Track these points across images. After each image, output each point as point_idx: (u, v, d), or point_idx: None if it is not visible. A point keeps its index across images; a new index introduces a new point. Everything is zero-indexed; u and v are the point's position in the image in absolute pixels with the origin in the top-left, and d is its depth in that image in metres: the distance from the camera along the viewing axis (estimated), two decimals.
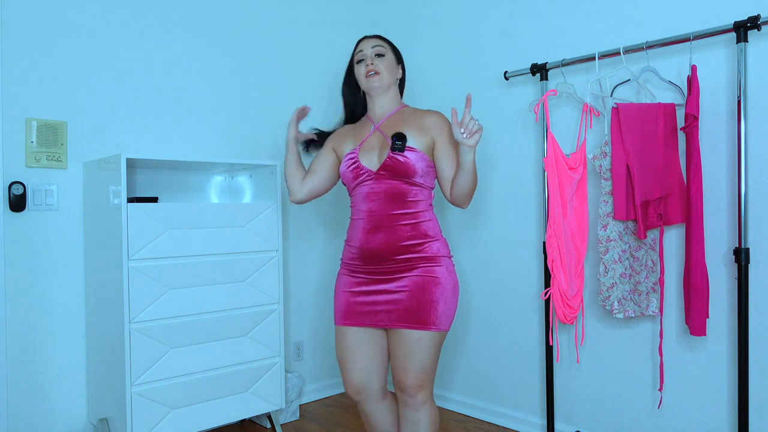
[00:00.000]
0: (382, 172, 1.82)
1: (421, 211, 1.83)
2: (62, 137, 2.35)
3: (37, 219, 2.30)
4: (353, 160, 1.88)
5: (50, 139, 2.32)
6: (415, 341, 1.77)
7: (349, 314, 1.87)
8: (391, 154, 1.79)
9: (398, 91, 2.01)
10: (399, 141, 1.79)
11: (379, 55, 1.93)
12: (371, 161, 1.86)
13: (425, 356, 1.79)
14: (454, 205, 1.87)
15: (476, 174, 1.77)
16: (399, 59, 2.00)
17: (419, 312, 1.77)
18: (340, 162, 1.99)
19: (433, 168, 1.86)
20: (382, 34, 2.10)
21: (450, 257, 1.86)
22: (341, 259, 1.97)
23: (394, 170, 1.80)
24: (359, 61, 1.94)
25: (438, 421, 1.87)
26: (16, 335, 2.26)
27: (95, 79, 2.45)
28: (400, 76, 2.01)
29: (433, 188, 1.89)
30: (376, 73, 1.90)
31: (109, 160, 2.19)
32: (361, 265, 1.85)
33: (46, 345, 2.33)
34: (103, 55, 2.47)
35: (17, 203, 2.24)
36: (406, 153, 1.79)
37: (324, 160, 2.02)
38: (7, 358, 2.23)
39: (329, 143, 2.04)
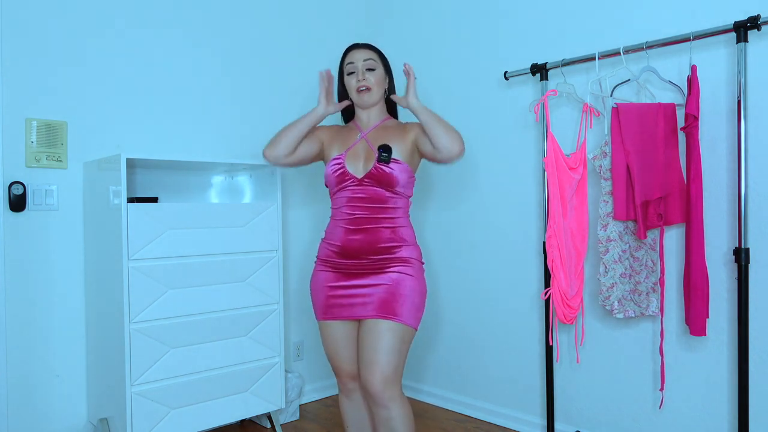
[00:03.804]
0: (366, 180, 1.91)
1: (399, 218, 1.94)
2: (62, 137, 2.35)
3: (37, 219, 2.30)
4: (339, 166, 1.95)
5: (50, 139, 2.32)
6: (384, 331, 1.84)
7: (329, 308, 1.95)
8: (377, 165, 1.89)
9: (384, 101, 2.05)
10: (385, 153, 1.89)
11: (370, 69, 1.97)
12: (356, 168, 1.93)
13: (392, 350, 1.84)
14: (447, 161, 1.87)
15: (438, 119, 1.85)
16: (388, 69, 2.03)
17: (392, 304, 1.86)
18: (322, 155, 2.06)
19: (413, 179, 1.97)
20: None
21: (422, 263, 1.97)
22: (317, 257, 2.04)
23: (378, 179, 1.89)
24: (350, 73, 1.99)
25: (411, 416, 1.87)
26: (16, 335, 2.26)
27: (95, 79, 2.45)
28: (387, 86, 2.03)
29: (410, 197, 1.99)
30: (368, 89, 1.95)
31: (109, 160, 2.18)
32: (340, 261, 1.94)
33: (46, 345, 2.33)
34: (103, 55, 2.47)
35: (17, 203, 2.24)
36: (390, 165, 1.89)
37: (310, 145, 2.03)
38: (7, 358, 2.23)
39: (320, 134, 2.06)
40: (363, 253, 1.89)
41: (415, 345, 3.17)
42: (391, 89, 2.06)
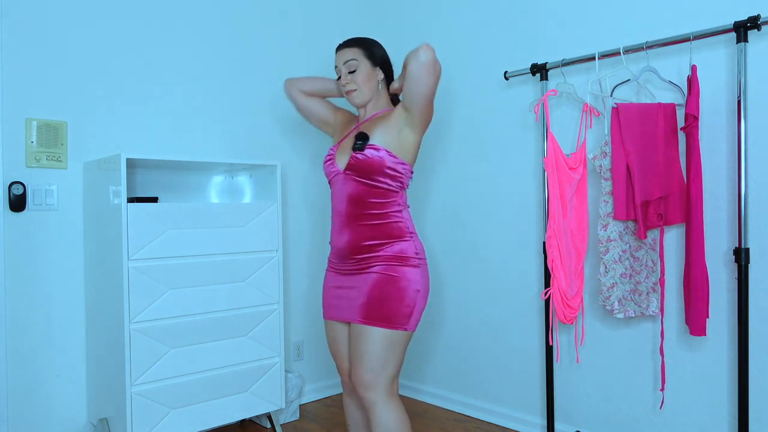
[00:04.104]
0: (348, 172, 1.85)
1: (387, 212, 1.83)
2: (62, 137, 2.35)
3: (37, 219, 2.30)
4: (330, 158, 1.95)
5: (50, 139, 2.32)
6: (364, 335, 1.79)
7: (327, 308, 1.98)
8: (353, 154, 1.83)
9: (384, 92, 1.96)
10: (360, 141, 1.82)
11: (352, 71, 1.90)
12: (342, 161, 1.89)
13: (374, 354, 1.77)
14: (419, 71, 1.69)
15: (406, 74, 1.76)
16: (376, 62, 1.93)
17: (374, 308, 1.78)
18: (328, 128, 2.12)
19: (406, 168, 1.85)
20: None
21: (419, 258, 1.84)
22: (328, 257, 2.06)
23: (357, 169, 1.82)
24: (338, 77, 1.97)
25: (400, 419, 1.79)
26: (16, 335, 2.26)
27: (95, 79, 2.45)
28: (381, 78, 1.94)
29: (404, 189, 1.90)
30: (353, 90, 1.92)
31: (109, 160, 2.18)
32: (336, 261, 1.94)
33: (46, 345, 2.33)
34: (103, 55, 2.47)
35: (17, 203, 2.24)
36: (368, 152, 1.80)
37: (325, 109, 2.12)
38: (7, 358, 2.23)
39: (337, 112, 2.11)
40: (350, 253, 1.85)
41: (415, 345, 3.17)
42: (389, 77, 1.97)
